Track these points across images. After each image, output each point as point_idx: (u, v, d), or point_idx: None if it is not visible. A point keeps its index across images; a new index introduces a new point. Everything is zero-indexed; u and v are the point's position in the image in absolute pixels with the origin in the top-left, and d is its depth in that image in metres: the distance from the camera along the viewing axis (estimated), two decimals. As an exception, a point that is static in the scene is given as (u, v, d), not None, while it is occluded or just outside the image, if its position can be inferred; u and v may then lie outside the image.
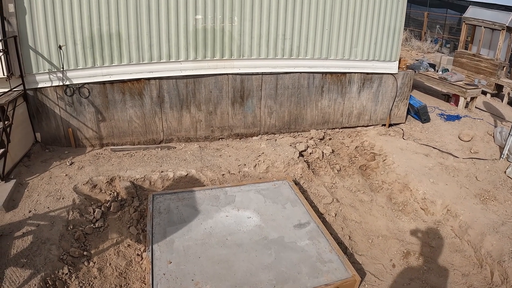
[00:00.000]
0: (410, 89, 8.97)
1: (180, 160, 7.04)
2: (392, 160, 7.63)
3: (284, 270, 4.97)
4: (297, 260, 5.13)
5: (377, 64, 8.45)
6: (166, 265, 4.94)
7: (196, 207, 5.98)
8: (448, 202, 6.69)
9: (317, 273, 4.95)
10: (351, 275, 4.94)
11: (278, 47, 7.67)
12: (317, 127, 8.62)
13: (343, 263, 5.12)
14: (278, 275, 4.88)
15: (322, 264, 5.10)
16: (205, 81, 7.48)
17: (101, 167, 6.72)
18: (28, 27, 6.49)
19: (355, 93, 8.58)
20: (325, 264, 5.10)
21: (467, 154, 8.20)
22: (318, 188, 6.92)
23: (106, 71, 7.02)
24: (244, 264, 5.01)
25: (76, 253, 5.13)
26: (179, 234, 5.47)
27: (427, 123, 9.34)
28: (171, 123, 7.62)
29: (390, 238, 6.21)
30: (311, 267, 5.04)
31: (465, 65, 12.29)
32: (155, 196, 6.21)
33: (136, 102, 7.30)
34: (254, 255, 5.17)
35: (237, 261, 5.06)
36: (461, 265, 5.80)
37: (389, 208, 6.84)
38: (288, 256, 5.19)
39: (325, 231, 5.60)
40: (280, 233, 5.56)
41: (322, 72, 8.14)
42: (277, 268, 4.99)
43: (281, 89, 8.02)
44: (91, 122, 7.26)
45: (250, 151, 7.51)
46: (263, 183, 6.63)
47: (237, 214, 5.86)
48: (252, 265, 5.01)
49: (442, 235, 6.35)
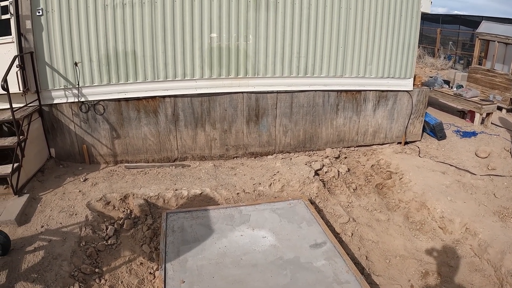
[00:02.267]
0: (425, 106, 8.87)
1: (194, 178, 7.01)
2: (408, 179, 7.51)
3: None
4: (313, 281, 5.01)
5: (392, 81, 8.39)
6: (179, 284, 4.85)
7: (211, 226, 5.91)
8: (466, 220, 6.53)
9: (334, 295, 4.85)
10: (369, 297, 4.84)
11: (293, 65, 7.65)
12: (332, 145, 8.54)
13: (360, 284, 4.98)
14: (294, 297, 4.79)
15: (338, 285, 4.96)
16: (220, 99, 7.48)
17: (115, 184, 6.72)
18: (45, 44, 6.59)
19: (370, 111, 8.51)
20: (342, 285, 4.97)
21: (485, 171, 8.05)
22: (334, 207, 6.82)
23: (121, 88, 7.06)
24: (259, 285, 4.90)
25: (88, 270, 5.08)
26: (193, 253, 5.39)
27: (443, 140, 9.21)
28: (186, 141, 7.61)
29: (408, 258, 6.05)
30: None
31: (480, 81, 12.16)
32: (169, 214, 6.17)
33: (151, 119, 7.31)
34: (269, 275, 5.07)
35: (252, 281, 4.95)
36: (481, 284, 5.60)
37: (407, 227, 6.70)
38: (304, 276, 5.08)
39: (342, 251, 5.48)
40: (296, 253, 5.45)
41: (337, 90, 8.10)
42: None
43: (296, 108, 7.98)
44: (106, 139, 7.28)
45: (265, 170, 7.45)
46: (278, 202, 6.55)
47: (252, 234, 5.78)
48: (267, 286, 4.90)
49: (461, 254, 6.17)
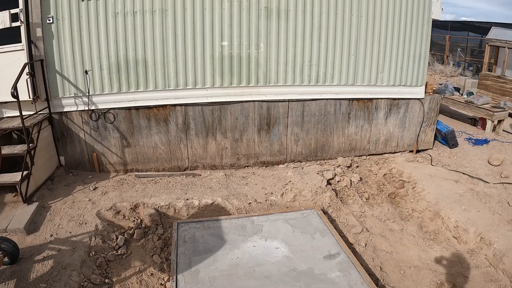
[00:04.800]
0: (437, 114, 8.75)
1: (205, 188, 6.92)
2: (421, 188, 7.37)
3: (315, 305, 4.76)
4: (328, 294, 4.92)
5: (404, 89, 8.27)
6: None
7: (222, 237, 5.81)
8: (481, 230, 6.38)
9: (349, 308, 4.73)
10: (385, 310, 4.72)
11: (304, 74, 7.56)
12: (344, 154, 8.43)
13: (376, 296, 4.90)
14: (308, 310, 4.68)
15: (354, 298, 4.87)
16: (231, 108, 7.40)
17: (125, 193, 6.64)
18: (55, 51, 6.55)
19: (381, 119, 8.39)
20: (357, 298, 4.87)
21: (498, 179, 7.90)
22: (347, 217, 6.69)
23: (131, 96, 7.00)
24: (273, 298, 4.82)
25: (98, 280, 4.99)
26: (205, 264, 5.28)
27: (455, 148, 9.07)
28: (197, 150, 7.52)
29: (422, 269, 5.91)
30: (343, 302, 4.82)
31: (490, 88, 12.03)
32: (180, 224, 6.07)
33: (162, 128, 7.24)
34: (283, 287, 4.97)
35: (266, 294, 4.87)
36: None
37: (420, 237, 6.56)
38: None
39: (356, 262, 5.36)
40: (310, 264, 5.33)
41: (349, 98, 7.99)
42: (308, 302, 4.79)
43: (308, 116, 7.88)
44: (116, 148, 7.21)
45: (276, 179, 7.34)
46: (291, 212, 6.43)
47: (265, 245, 5.66)
48: (281, 299, 4.82)
49: (476, 264, 6.02)
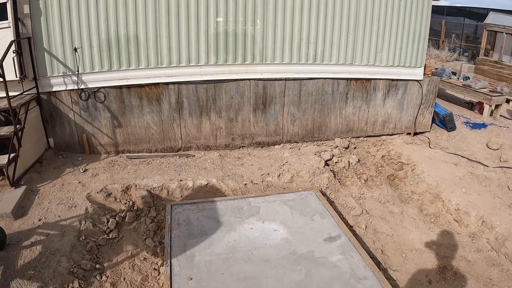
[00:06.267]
0: (435, 96, 8.41)
1: (199, 168, 6.53)
2: (421, 170, 7.05)
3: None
4: (329, 277, 4.56)
5: (402, 70, 7.91)
6: (186, 281, 4.40)
7: (218, 219, 5.45)
8: (482, 213, 6.10)
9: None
10: (388, 293, 4.39)
11: (302, 52, 7.16)
12: (341, 135, 8.07)
13: (379, 280, 4.54)
14: (309, 295, 4.35)
15: (356, 281, 4.52)
16: (226, 86, 6.98)
17: (116, 174, 6.25)
18: (43, 29, 6.10)
19: (380, 100, 8.04)
20: (359, 281, 4.52)
21: (497, 163, 7.63)
22: (346, 199, 6.36)
23: (123, 75, 6.57)
24: (272, 282, 4.45)
25: (88, 266, 4.66)
26: (200, 247, 4.93)
27: (452, 132, 8.77)
28: (190, 130, 7.11)
29: (424, 252, 5.63)
30: (345, 285, 4.45)
31: (487, 73, 11.73)
32: (174, 206, 5.70)
33: (154, 107, 6.82)
34: (283, 271, 4.61)
35: (265, 278, 4.50)
36: (500, 279, 5.20)
37: (421, 220, 6.25)
38: (319, 272, 4.62)
39: (358, 245, 5.03)
40: (310, 247, 4.99)
41: (347, 78, 7.61)
42: (308, 286, 4.42)
43: (305, 96, 7.49)
44: (107, 128, 6.79)
45: (273, 160, 6.98)
46: (289, 194, 6.07)
47: (263, 227, 5.31)
48: (280, 283, 4.45)
49: (478, 248, 5.77)
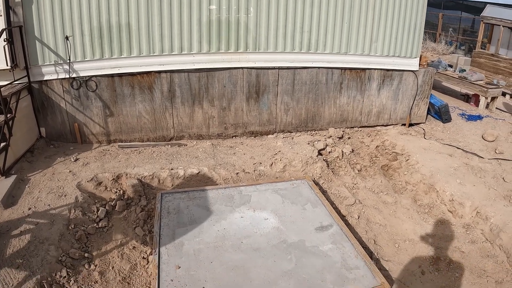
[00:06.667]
0: (430, 87, 8.24)
1: (191, 157, 6.37)
2: (415, 160, 6.89)
3: (306, 278, 4.27)
4: (320, 267, 4.43)
5: (398, 60, 7.74)
6: (174, 270, 4.28)
7: (208, 207, 5.30)
8: (477, 204, 5.96)
9: (342, 281, 4.24)
10: (380, 283, 4.22)
11: (295, 40, 6.99)
12: (335, 125, 7.91)
13: (370, 270, 4.41)
14: (299, 283, 4.18)
15: (347, 271, 4.39)
16: (219, 75, 6.81)
17: (107, 163, 6.10)
18: (35, 17, 5.92)
19: (374, 91, 7.87)
20: (351, 271, 4.39)
21: (492, 154, 7.48)
22: (339, 188, 6.21)
23: (114, 63, 6.40)
24: (261, 271, 4.32)
25: (77, 255, 4.53)
26: (190, 236, 4.80)
27: (448, 123, 8.61)
28: (182, 119, 6.95)
29: (417, 243, 5.49)
30: (336, 274, 4.33)
31: (483, 65, 11.55)
32: (164, 195, 5.55)
33: (146, 96, 6.66)
34: (273, 260, 4.48)
35: (254, 267, 4.37)
36: (494, 271, 5.07)
37: (415, 211, 6.10)
38: (310, 262, 4.49)
39: (350, 235, 4.89)
40: (301, 236, 4.86)
41: (341, 67, 7.44)
42: (299, 275, 4.29)
43: (298, 85, 7.32)
44: (98, 117, 6.63)
45: (265, 149, 6.82)
46: (281, 183, 5.92)
47: (253, 215, 5.17)
48: (270, 272, 4.32)
49: (472, 239, 5.63)
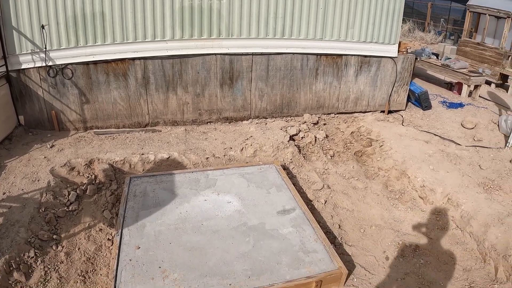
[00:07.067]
0: (410, 74, 8.08)
1: (163, 143, 6.32)
2: (389, 146, 6.76)
3: (261, 260, 4.21)
4: (277, 249, 4.37)
5: (376, 46, 7.59)
6: (133, 250, 4.26)
7: (174, 191, 5.25)
8: (449, 191, 5.83)
9: (298, 264, 4.18)
10: (337, 267, 4.15)
11: (269, 26, 6.86)
12: (312, 111, 7.78)
13: (329, 253, 4.34)
14: (254, 265, 4.13)
15: (305, 254, 4.32)
16: (192, 61, 6.72)
17: (81, 149, 6.06)
18: (11, 7, 5.87)
19: (351, 77, 7.73)
20: (308, 255, 4.32)
21: (470, 142, 7.33)
22: (309, 173, 6.11)
23: (89, 51, 6.34)
24: (218, 252, 4.28)
25: (45, 236, 4.54)
26: (152, 218, 4.76)
27: (428, 110, 8.44)
28: (157, 106, 6.88)
29: (384, 228, 5.38)
30: (292, 257, 4.27)
31: (469, 54, 11.30)
32: (133, 179, 5.51)
33: (121, 83, 6.60)
34: (230, 242, 4.43)
35: (211, 248, 4.33)
36: (462, 259, 4.98)
37: (385, 196, 6.00)
38: (267, 244, 4.43)
39: (311, 218, 4.81)
40: (261, 219, 4.79)
41: (317, 53, 7.30)
42: (254, 257, 4.24)
43: (273, 71, 7.21)
44: (75, 105, 6.59)
45: (238, 135, 6.73)
46: (248, 167, 5.85)
47: (217, 199, 5.11)
48: (227, 254, 4.28)
49: (441, 225, 5.52)
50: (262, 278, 3.98)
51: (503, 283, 4.59)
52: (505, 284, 4.57)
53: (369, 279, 4.49)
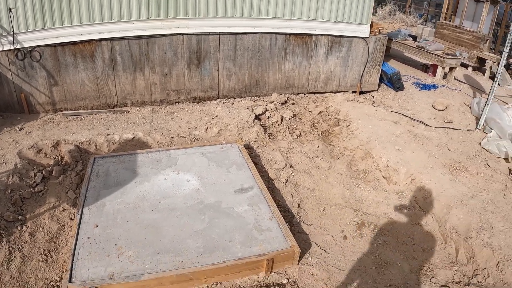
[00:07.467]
0: (383, 54, 7.97)
1: (129, 123, 6.24)
2: (356, 126, 6.69)
3: (215, 238, 4.19)
4: (231, 227, 4.34)
5: (346, 26, 7.44)
6: (92, 229, 4.24)
7: (136, 170, 5.20)
8: (413, 171, 5.78)
9: (251, 242, 4.16)
10: (290, 246, 4.12)
11: (236, 6, 6.71)
12: (281, 91, 7.68)
13: (283, 232, 4.31)
14: (207, 243, 4.11)
15: (258, 233, 4.29)
16: (159, 41, 6.59)
17: (49, 131, 5.99)
18: (-22, -9, 5.71)
19: (322, 57, 7.60)
20: (262, 233, 4.29)
21: (440, 123, 7.26)
22: (273, 153, 6.05)
23: (56, 33, 6.19)
24: (172, 230, 4.26)
25: (11, 217, 4.52)
26: (112, 197, 4.74)
27: (400, 91, 8.35)
28: (125, 86, 6.77)
29: (344, 208, 5.33)
30: (246, 236, 4.24)
31: (447, 37, 11.16)
32: (97, 159, 5.45)
33: (88, 64, 6.48)
34: (186, 220, 4.40)
35: (167, 226, 4.31)
36: (423, 240, 4.95)
37: (348, 176, 5.95)
38: (222, 222, 4.40)
39: (268, 197, 4.77)
40: (218, 197, 4.76)
41: (286, 33, 7.16)
42: (208, 235, 4.22)
43: (241, 51, 7.08)
44: (44, 87, 6.48)
45: (204, 114, 6.64)
46: (210, 146, 5.78)
47: (176, 178, 5.07)
48: (181, 231, 4.25)
49: (403, 206, 5.47)
50: (213, 256, 3.97)
51: (463, 265, 4.58)
52: (465, 266, 4.55)
53: (324, 258, 4.46)
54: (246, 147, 5.91)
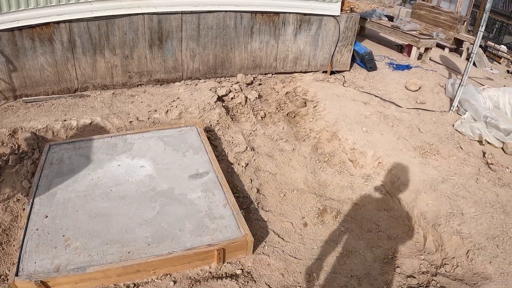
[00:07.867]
0: (355, 34, 7.64)
1: (87, 108, 5.95)
2: (323, 107, 6.42)
3: (164, 227, 3.99)
4: (183, 215, 4.14)
5: (316, 4, 7.08)
6: (41, 219, 4.03)
7: (90, 157, 4.95)
8: (380, 154, 5.51)
9: (202, 231, 3.96)
10: (243, 235, 3.93)
11: (198, -16, 6.36)
12: (248, 71, 7.37)
13: (236, 220, 4.10)
14: (156, 232, 3.92)
15: (210, 221, 4.09)
16: (119, 22, 6.23)
17: (6, 119, 5.69)
18: None
19: (290, 36, 7.28)
20: (214, 221, 4.09)
21: (413, 104, 7.00)
22: (234, 135, 5.80)
23: (13, 16, 5.82)
24: (121, 219, 4.05)
25: None
26: (64, 185, 4.50)
27: (373, 72, 8.05)
28: (85, 70, 6.45)
29: (306, 193, 5.09)
30: (197, 224, 4.04)
31: (424, 18, 10.81)
32: (52, 146, 5.19)
33: (47, 48, 6.14)
34: (136, 208, 4.19)
35: (116, 215, 4.10)
36: (388, 227, 4.72)
37: (313, 159, 5.71)
38: (173, 210, 4.19)
39: (224, 183, 4.54)
40: (172, 184, 4.53)
41: (251, 11, 6.81)
42: (158, 224, 4.02)
43: (204, 30, 6.74)
44: (3, 73, 6.14)
45: (165, 97, 6.34)
46: (168, 130, 5.51)
47: (130, 163, 4.82)
48: (130, 220, 4.05)
49: (369, 191, 5.23)
50: (161, 246, 3.78)
51: (431, 253, 4.37)
52: (433, 255, 4.35)
53: (282, 246, 4.26)
54: (207, 129, 5.66)
